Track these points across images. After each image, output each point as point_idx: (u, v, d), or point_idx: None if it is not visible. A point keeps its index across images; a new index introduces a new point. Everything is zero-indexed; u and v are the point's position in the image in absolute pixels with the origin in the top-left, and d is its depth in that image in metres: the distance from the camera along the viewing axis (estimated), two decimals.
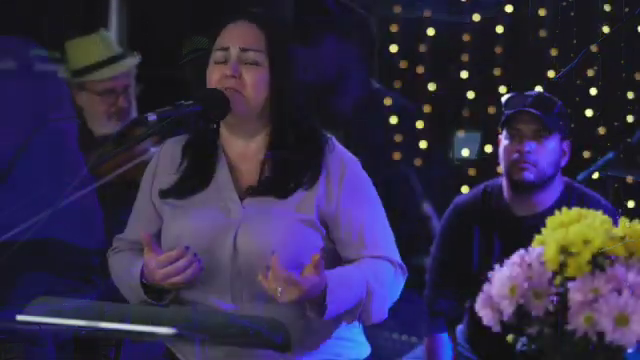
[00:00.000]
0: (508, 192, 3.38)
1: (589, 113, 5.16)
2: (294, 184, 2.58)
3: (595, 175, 3.89)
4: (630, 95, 5.10)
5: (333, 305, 2.48)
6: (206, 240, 2.57)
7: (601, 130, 5.18)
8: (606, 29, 5.07)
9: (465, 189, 5.35)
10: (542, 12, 5.32)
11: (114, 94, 3.88)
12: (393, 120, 5.75)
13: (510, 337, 1.86)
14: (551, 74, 5.28)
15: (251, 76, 2.58)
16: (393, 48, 5.74)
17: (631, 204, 4.85)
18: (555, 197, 3.33)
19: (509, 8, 5.40)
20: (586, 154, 5.15)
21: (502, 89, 5.36)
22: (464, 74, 5.57)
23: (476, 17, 5.50)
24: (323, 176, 2.61)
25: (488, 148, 5.30)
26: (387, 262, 2.62)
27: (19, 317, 2.18)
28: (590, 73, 5.15)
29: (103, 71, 3.89)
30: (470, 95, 5.54)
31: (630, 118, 5.07)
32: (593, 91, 5.15)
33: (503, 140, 3.36)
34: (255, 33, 2.62)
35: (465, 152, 5.55)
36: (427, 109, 5.69)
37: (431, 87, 5.67)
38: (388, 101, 4.94)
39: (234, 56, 2.59)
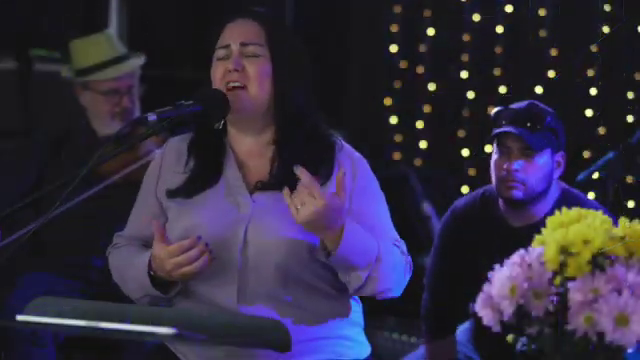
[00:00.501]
0: (502, 204, 3.36)
1: (589, 113, 5.17)
2: None
3: (595, 175, 3.89)
4: (630, 95, 5.10)
5: (345, 247, 2.46)
6: (216, 236, 2.57)
7: (601, 130, 5.19)
8: (606, 29, 5.07)
9: (465, 189, 5.36)
10: (542, 12, 5.32)
11: (118, 94, 3.88)
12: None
13: (510, 337, 1.86)
14: (551, 74, 5.29)
15: (254, 68, 2.60)
16: (393, 48, 5.75)
17: (631, 204, 4.86)
18: (550, 206, 3.30)
19: (509, 8, 5.40)
20: (586, 154, 5.15)
21: (502, 89, 5.36)
22: (464, 74, 5.57)
23: (476, 17, 5.51)
24: (335, 173, 2.62)
25: (488, 148, 5.30)
26: (398, 249, 2.64)
27: (19, 317, 2.18)
28: (590, 73, 5.15)
29: (107, 71, 3.89)
30: (470, 95, 5.55)
31: (630, 118, 5.07)
32: (593, 91, 5.15)
33: (493, 154, 3.34)
34: (255, 29, 2.64)
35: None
36: (427, 109, 5.70)
37: (431, 87, 5.67)
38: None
39: (235, 51, 2.61)
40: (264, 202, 2.59)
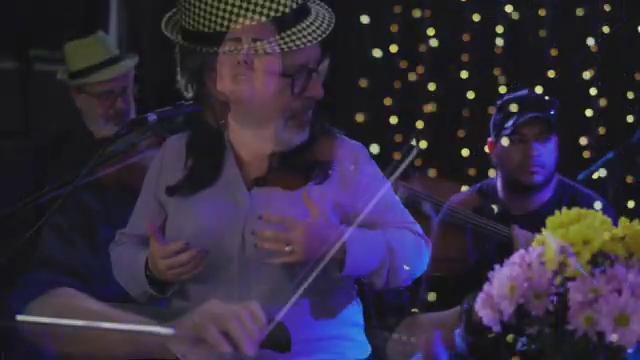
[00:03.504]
0: (504, 192, 3.38)
1: (589, 113, 5.17)
2: (304, 177, 2.60)
3: (595, 175, 3.90)
4: (630, 95, 5.10)
5: (351, 257, 2.48)
6: (215, 233, 2.58)
7: (601, 130, 5.19)
8: (606, 29, 5.08)
9: (465, 189, 5.36)
10: (542, 12, 5.32)
11: (112, 96, 3.87)
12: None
13: (510, 337, 1.86)
14: (551, 74, 5.29)
15: (263, 64, 2.59)
16: (393, 48, 5.74)
17: (631, 204, 4.86)
18: (550, 194, 3.34)
19: (509, 8, 5.40)
20: (586, 154, 5.16)
21: (502, 89, 5.36)
22: (464, 74, 5.57)
23: (476, 17, 5.51)
24: (336, 169, 2.61)
25: None
26: (408, 230, 2.64)
27: (19, 317, 2.18)
28: (590, 73, 5.15)
29: (101, 73, 3.88)
30: (470, 95, 5.55)
31: (630, 118, 5.07)
32: (593, 91, 5.16)
33: (502, 143, 3.35)
34: (267, 27, 2.63)
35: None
36: (427, 109, 5.70)
37: (431, 87, 5.67)
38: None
39: (246, 45, 2.60)
40: (262, 198, 2.60)
